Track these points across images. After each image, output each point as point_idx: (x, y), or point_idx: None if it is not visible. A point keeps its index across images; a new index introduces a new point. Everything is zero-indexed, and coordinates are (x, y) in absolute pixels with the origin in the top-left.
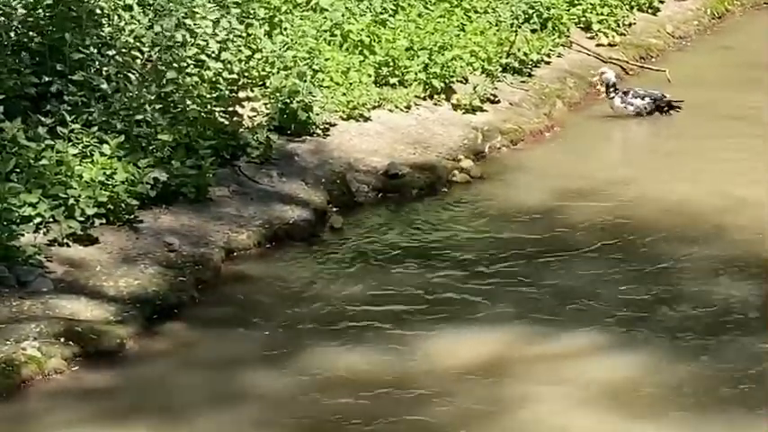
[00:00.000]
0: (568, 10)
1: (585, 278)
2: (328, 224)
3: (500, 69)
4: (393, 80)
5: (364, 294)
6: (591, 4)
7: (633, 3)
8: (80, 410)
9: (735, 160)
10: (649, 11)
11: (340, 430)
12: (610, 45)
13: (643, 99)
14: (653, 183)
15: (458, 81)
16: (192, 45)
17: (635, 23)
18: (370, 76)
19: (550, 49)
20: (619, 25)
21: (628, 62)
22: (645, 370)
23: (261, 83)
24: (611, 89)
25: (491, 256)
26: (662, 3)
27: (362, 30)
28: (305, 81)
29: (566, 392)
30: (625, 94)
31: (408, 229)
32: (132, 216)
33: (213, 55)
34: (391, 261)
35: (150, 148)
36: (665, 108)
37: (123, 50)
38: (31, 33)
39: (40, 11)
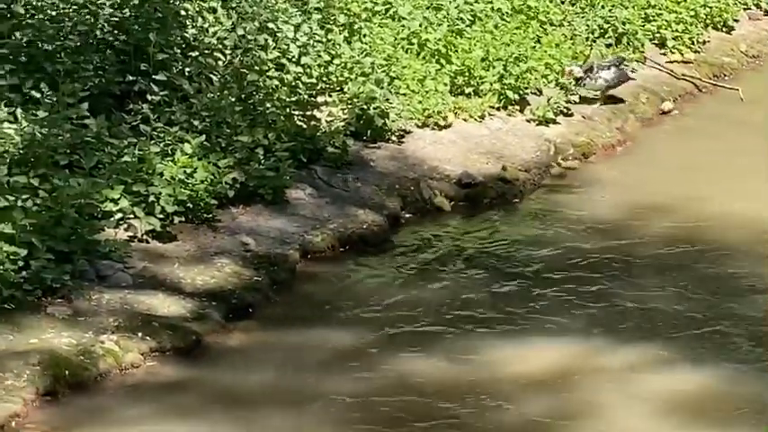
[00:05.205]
0: (643, 26)
1: (653, 292)
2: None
3: (574, 83)
4: (468, 90)
5: (434, 300)
6: (666, 20)
7: (708, 21)
8: (155, 405)
9: None
10: (724, 29)
11: None
12: (683, 62)
13: (609, 69)
14: (723, 200)
15: (532, 93)
16: (273, 49)
17: (709, 41)
18: (445, 84)
19: (625, 65)
20: (693, 43)
21: (701, 80)
22: (713, 385)
23: (339, 88)
24: (580, 79)
25: (560, 268)
26: (736, 22)
27: (439, 39)
28: (382, 88)
29: (630, 405)
30: (590, 71)
31: (479, 238)
32: (210, 215)
33: (293, 59)
34: (462, 269)
35: (230, 148)
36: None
37: (206, 52)
38: (116, 32)
39: (127, 11)
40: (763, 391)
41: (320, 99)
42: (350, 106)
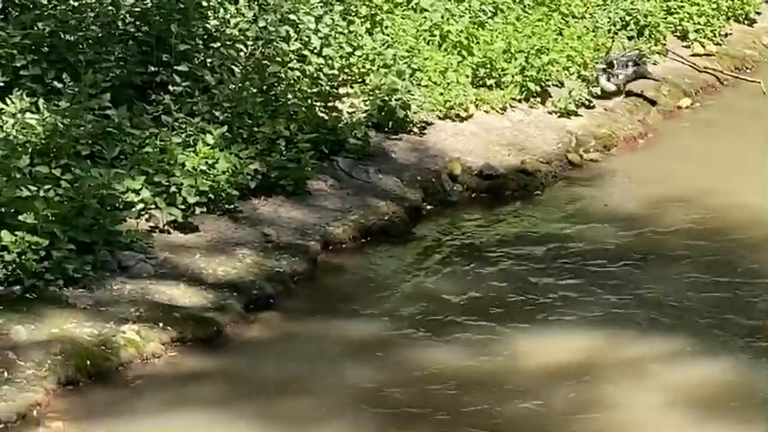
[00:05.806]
0: (665, 18)
1: (674, 283)
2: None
3: (596, 75)
4: (490, 81)
5: (455, 291)
6: (688, 13)
7: (729, 13)
8: (176, 395)
9: None
10: (746, 22)
11: (426, 423)
12: (705, 54)
13: (627, 67)
14: (744, 192)
15: (553, 85)
16: (294, 40)
17: (731, 34)
18: (467, 76)
19: (646, 57)
20: (715, 35)
21: (723, 72)
22: (733, 377)
23: (360, 80)
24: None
25: (579, 259)
26: (758, 14)
27: (461, 31)
28: (404, 79)
29: (651, 397)
30: (610, 66)
31: (500, 229)
32: (232, 206)
33: (315, 50)
34: (483, 260)
35: (251, 139)
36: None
37: (228, 43)
38: (138, 23)
39: (148, 1)
40: None
41: (342, 90)
42: (371, 98)
